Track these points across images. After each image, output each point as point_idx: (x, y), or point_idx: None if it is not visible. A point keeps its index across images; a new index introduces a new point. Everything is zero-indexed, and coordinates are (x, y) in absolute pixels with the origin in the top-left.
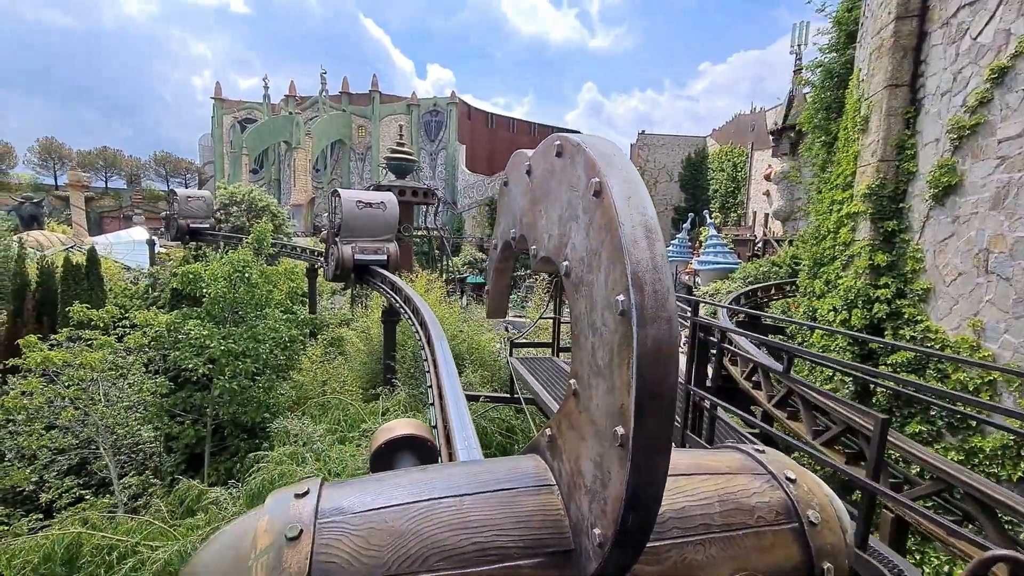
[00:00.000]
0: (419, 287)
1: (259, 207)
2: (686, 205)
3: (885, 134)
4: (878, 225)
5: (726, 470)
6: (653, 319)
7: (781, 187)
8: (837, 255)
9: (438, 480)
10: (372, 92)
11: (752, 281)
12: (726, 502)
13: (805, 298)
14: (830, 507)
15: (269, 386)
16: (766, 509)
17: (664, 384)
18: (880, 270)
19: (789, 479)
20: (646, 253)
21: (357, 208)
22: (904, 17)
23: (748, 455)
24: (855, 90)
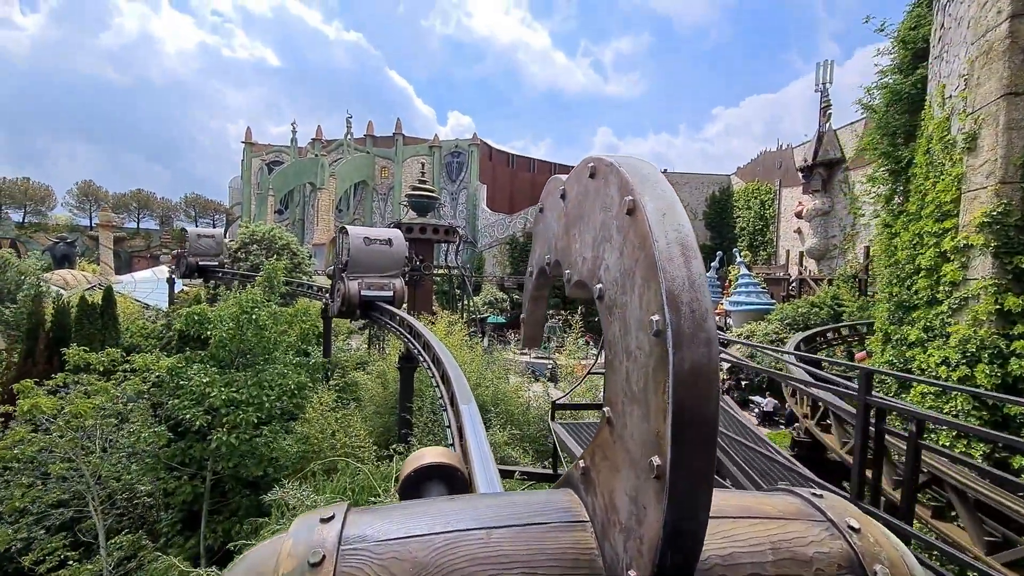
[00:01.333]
0: (439, 330)
1: (279, 245)
2: (712, 244)
3: (1006, 151)
4: (1004, 261)
5: (779, 515)
6: (691, 340)
7: (814, 224)
8: (941, 297)
9: (466, 511)
10: (396, 135)
11: (791, 323)
12: (779, 550)
13: (891, 347)
14: (902, 564)
15: (273, 439)
16: (825, 561)
17: (704, 410)
18: (1012, 317)
19: (852, 528)
20: (682, 270)
21: (364, 244)
22: (1022, 15)
23: (804, 500)
24: (938, 108)
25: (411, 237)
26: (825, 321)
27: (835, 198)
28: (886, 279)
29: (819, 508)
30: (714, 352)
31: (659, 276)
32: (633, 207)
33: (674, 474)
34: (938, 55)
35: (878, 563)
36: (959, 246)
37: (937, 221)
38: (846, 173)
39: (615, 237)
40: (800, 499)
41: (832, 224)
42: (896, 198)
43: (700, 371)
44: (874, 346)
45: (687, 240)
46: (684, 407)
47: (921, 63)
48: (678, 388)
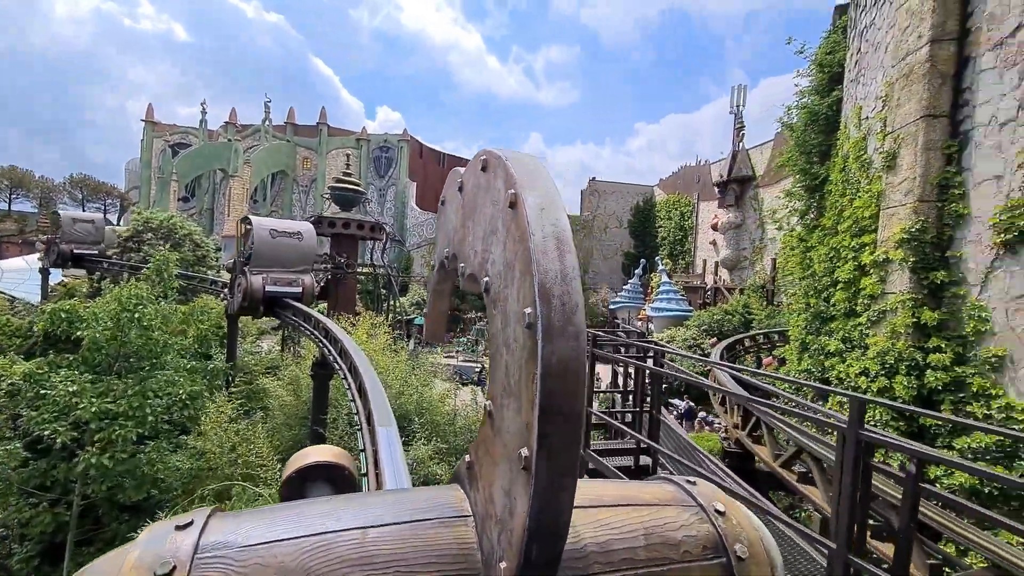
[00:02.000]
0: (360, 332)
1: (179, 236)
2: (635, 251)
3: (924, 171)
4: (921, 276)
5: (655, 502)
6: (560, 333)
7: (727, 237)
8: (860, 310)
9: (343, 511)
10: (320, 124)
11: (707, 329)
12: (652, 535)
13: (809, 356)
14: (759, 542)
15: (158, 456)
16: (693, 543)
17: (571, 402)
18: (927, 330)
19: (718, 511)
20: (556, 264)
21: (270, 237)
22: (941, 40)
23: (679, 487)
24: (854, 128)
25: (334, 232)
26: (737, 328)
27: (746, 213)
28: (803, 290)
29: (691, 494)
30: (582, 345)
31: (532, 269)
32: (515, 201)
33: (540, 465)
34: (854, 78)
35: (738, 542)
36: (878, 260)
37: (855, 236)
38: (756, 190)
39: (500, 230)
40: (675, 486)
41: (743, 237)
42: (811, 213)
43: (568, 364)
44: (789, 355)
45: (563, 235)
46: (551, 399)
47: (836, 86)
48: (546, 379)
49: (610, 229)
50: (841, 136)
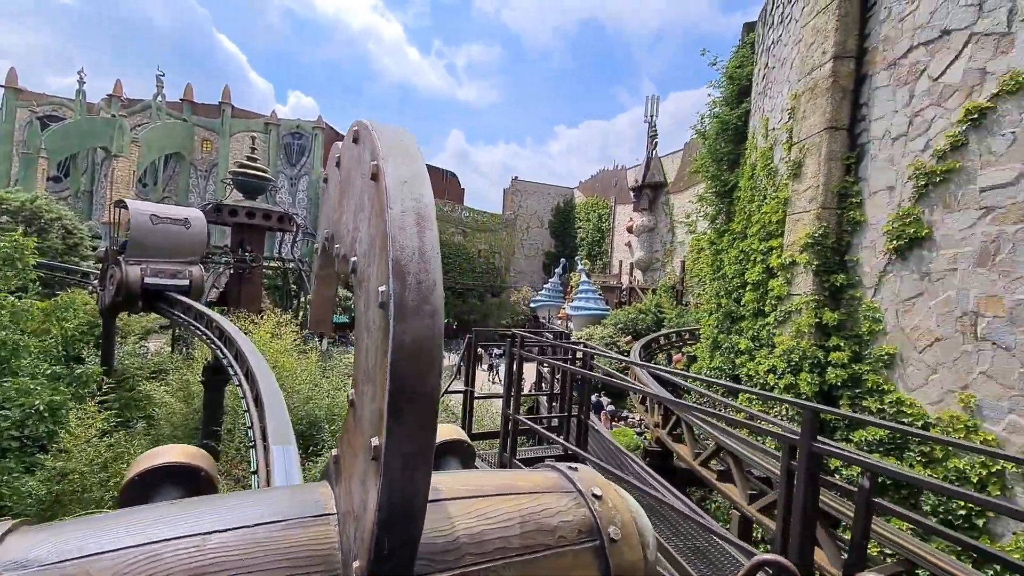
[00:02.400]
0: (263, 332)
1: (45, 220)
2: (556, 251)
3: (826, 180)
4: (823, 279)
5: (535, 489)
6: (415, 312)
7: (641, 239)
8: (768, 310)
9: (184, 516)
10: (223, 104)
11: (622, 328)
12: (528, 523)
13: (720, 354)
14: (632, 523)
15: (3, 480)
16: (568, 528)
17: (424, 385)
18: (828, 329)
19: (595, 496)
20: (414, 240)
21: (151, 223)
22: (842, 57)
23: (561, 473)
24: (762, 139)
25: (236, 222)
26: (650, 326)
27: (659, 217)
28: (714, 291)
29: (572, 480)
30: (438, 326)
31: (388, 245)
32: (376, 172)
33: (389, 454)
34: (762, 91)
35: (612, 525)
36: (784, 263)
37: (763, 240)
38: (668, 196)
39: (366, 205)
40: (558, 473)
41: (656, 240)
42: (721, 217)
43: (422, 344)
44: (700, 352)
45: (424, 211)
46: (402, 381)
47: (745, 98)
48: (397, 361)
49: (532, 229)
50: (749, 146)
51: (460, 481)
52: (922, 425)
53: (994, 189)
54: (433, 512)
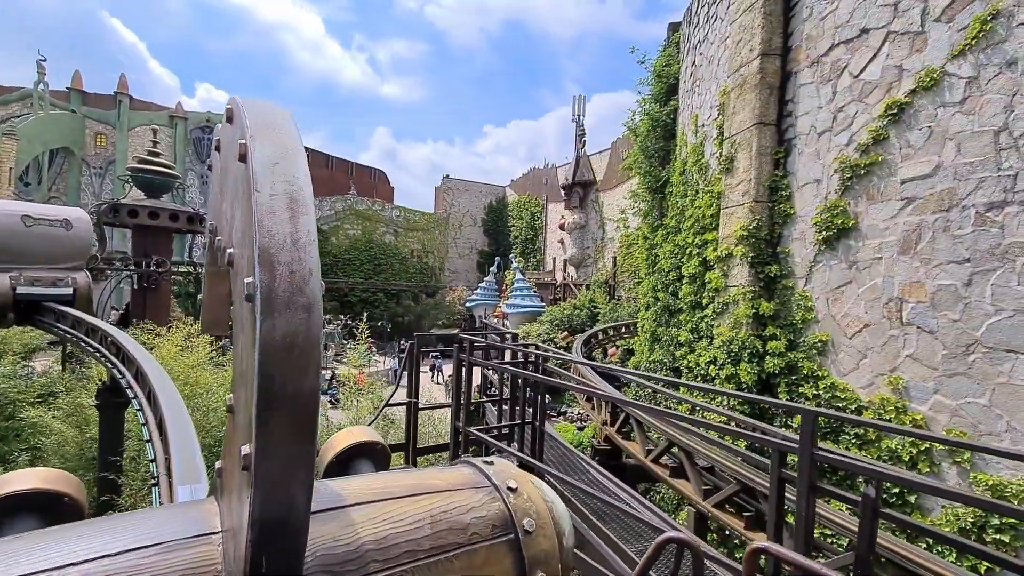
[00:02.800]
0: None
1: None
2: (490, 250)
3: (757, 174)
4: (758, 270)
5: (447, 487)
6: (287, 305)
7: (573, 236)
8: (705, 302)
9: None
10: (119, 95)
11: (558, 324)
12: (439, 523)
13: (660, 347)
14: (547, 513)
15: None
16: (482, 524)
17: (300, 385)
18: (764, 320)
19: (510, 488)
20: (285, 227)
21: (23, 225)
22: (768, 55)
23: (476, 468)
24: (692, 135)
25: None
26: (585, 321)
27: (589, 214)
28: (650, 285)
29: (487, 475)
30: (315, 320)
31: (254, 231)
32: (244, 152)
33: (260, 464)
34: (690, 89)
35: (527, 516)
36: (721, 256)
37: (698, 234)
38: (597, 193)
39: (239, 189)
40: (473, 468)
41: (587, 236)
42: (654, 213)
43: (295, 340)
44: (639, 346)
45: (298, 194)
46: (273, 383)
47: (673, 96)
48: (266, 359)
49: (465, 227)
50: (679, 142)
51: (368, 485)
52: (855, 408)
53: (914, 180)
54: (335, 520)
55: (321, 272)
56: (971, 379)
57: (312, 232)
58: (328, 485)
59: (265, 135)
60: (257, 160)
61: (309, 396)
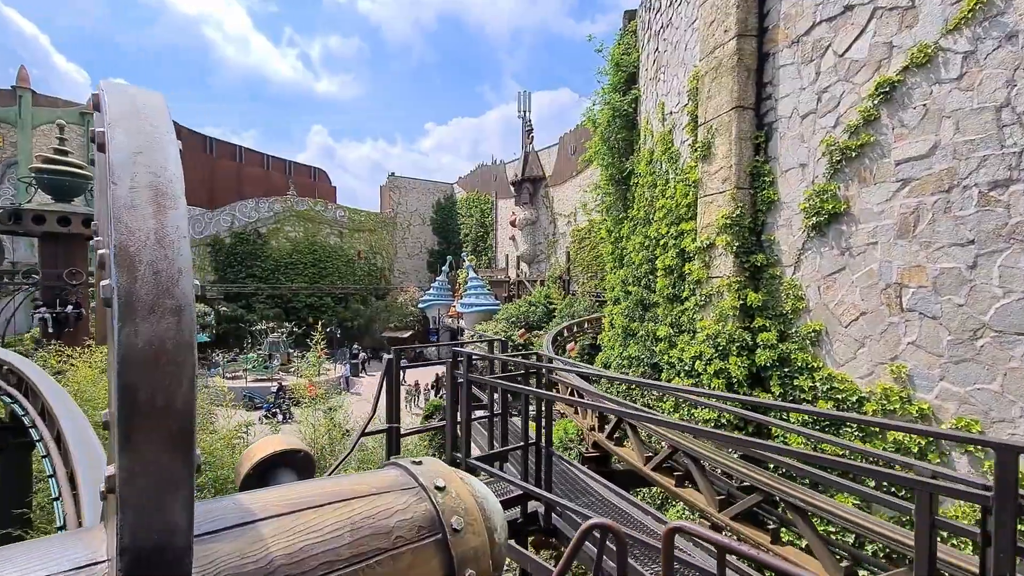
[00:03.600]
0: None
1: None
2: (440, 249)
3: (738, 160)
4: (743, 260)
5: (371, 491)
6: (149, 310)
7: (525, 232)
8: (686, 295)
9: None
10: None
11: (514, 321)
12: (360, 529)
13: (636, 343)
14: (476, 510)
15: None
16: (407, 526)
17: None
18: (751, 311)
19: (438, 487)
20: (148, 222)
21: None
22: (745, 35)
23: (403, 469)
24: (658, 123)
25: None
26: (541, 318)
27: (540, 210)
28: (619, 279)
29: (414, 475)
30: (186, 324)
31: (110, 228)
32: (103, 141)
33: (127, 484)
34: (653, 76)
35: (455, 515)
36: (702, 246)
37: (672, 224)
38: (547, 189)
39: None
40: (400, 470)
41: (538, 232)
42: (618, 205)
43: (163, 348)
44: (608, 342)
45: (165, 186)
46: (138, 395)
47: (634, 85)
48: (129, 371)
49: (413, 226)
50: (644, 131)
51: (283, 496)
52: (856, 400)
53: (909, 161)
54: (242, 536)
55: (263, 278)
56: (980, 365)
57: (182, 228)
58: (237, 500)
59: (126, 122)
60: (115, 149)
61: (184, 408)
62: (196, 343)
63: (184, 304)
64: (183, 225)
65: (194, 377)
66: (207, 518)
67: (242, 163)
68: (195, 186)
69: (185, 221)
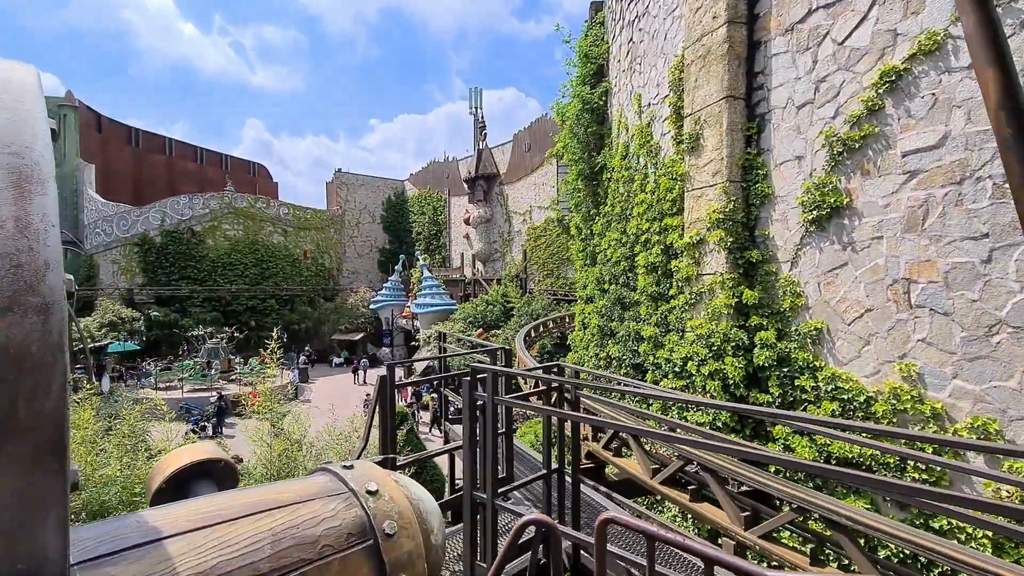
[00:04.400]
0: None
1: None
2: (391, 248)
3: (730, 152)
4: (736, 256)
5: (295, 500)
6: (8, 308)
7: (479, 231)
8: (673, 293)
9: None
10: None
11: (472, 321)
12: (282, 541)
13: (616, 343)
14: (411, 512)
15: None
16: (335, 535)
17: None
18: (746, 309)
19: (370, 492)
20: (6, 209)
21: None
22: (735, 22)
23: (333, 475)
24: (634, 116)
25: None
26: (499, 317)
27: (494, 208)
28: (592, 277)
29: (343, 480)
30: (54, 323)
31: None
32: None
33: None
34: (627, 68)
35: (388, 519)
36: (691, 243)
37: (655, 220)
38: (501, 187)
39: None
40: (329, 475)
41: (493, 230)
42: (587, 201)
43: (26, 350)
44: (580, 342)
45: (26, 169)
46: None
47: (604, 78)
48: None
49: (363, 224)
50: (617, 125)
51: (197, 510)
52: (863, 400)
53: (917, 153)
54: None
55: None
56: (996, 362)
57: (50, 216)
58: (141, 517)
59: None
60: None
61: (53, 418)
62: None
63: (52, 301)
64: (52, 213)
65: (66, 383)
66: (102, 539)
67: (173, 156)
68: (119, 181)
69: (54, 209)
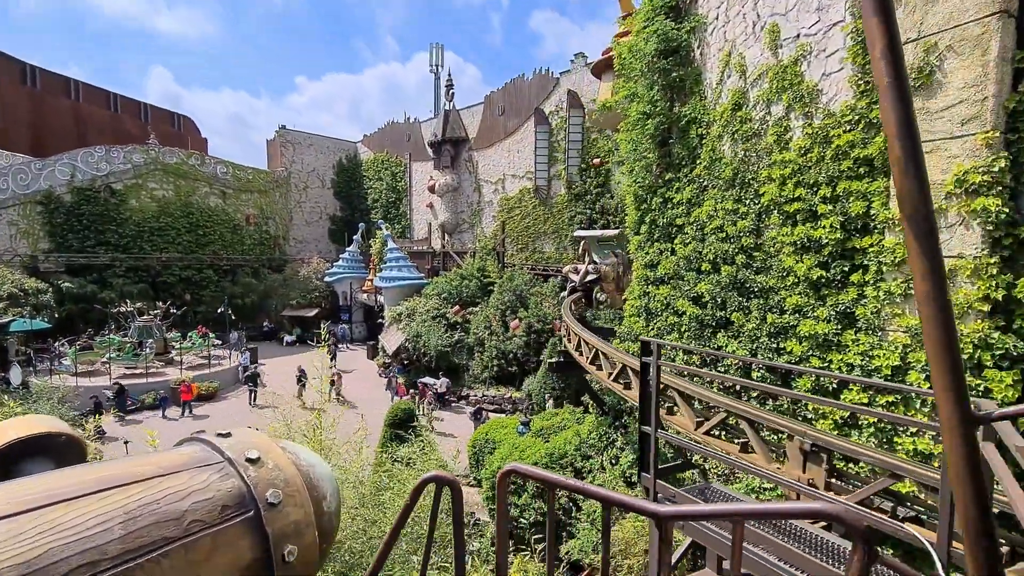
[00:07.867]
0: None
1: None
2: (343, 215)
3: (997, 90)
4: (999, 234)
5: (155, 473)
6: None
7: (446, 200)
8: (870, 278)
9: None
10: None
11: (447, 297)
12: (137, 519)
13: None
14: (298, 479)
15: None
16: (206, 508)
17: None
18: (1011, 307)
19: (250, 460)
20: None
21: None
22: None
23: (205, 444)
24: (769, 52)
25: None
26: (475, 293)
27: (462, 175)
28: (682, 255)
29: (218, 449)
30: None
31: None
32: None
33: None
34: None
35: (272, 487)
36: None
37: (823, 185)
38: (471, 152)
39: None
40: (201, 444)
41: (461, 200)
42: (660, 164)
43: None
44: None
45: None
46: None
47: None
48: None
49: (311, 188)
50: (722, 66)
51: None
52: None
53: None
54: None
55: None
56: None
57: None
58: None
59: None
60: None
61: None
62: None
63: None
64: None
65: None
66: None
67: (80, 102)
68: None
69: None
